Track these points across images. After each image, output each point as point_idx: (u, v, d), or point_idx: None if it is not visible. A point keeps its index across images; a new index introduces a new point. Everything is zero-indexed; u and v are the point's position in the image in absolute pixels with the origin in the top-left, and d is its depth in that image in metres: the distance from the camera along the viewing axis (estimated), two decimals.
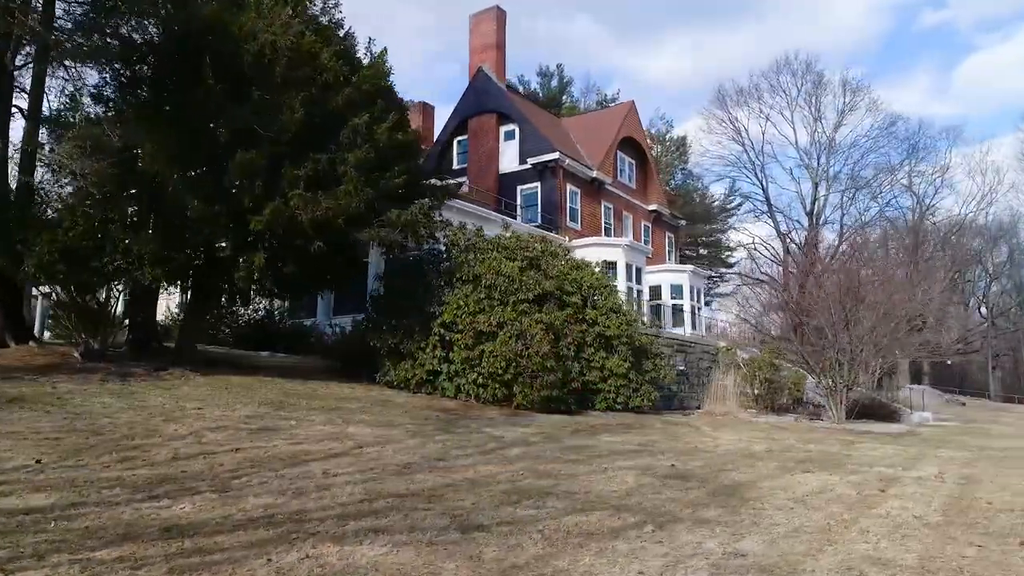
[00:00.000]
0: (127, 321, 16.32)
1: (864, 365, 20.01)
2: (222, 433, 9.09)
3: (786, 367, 23.44)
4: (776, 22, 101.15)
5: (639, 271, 29.49)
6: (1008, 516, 6.77)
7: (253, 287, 15.37)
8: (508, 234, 17.37)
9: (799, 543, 5.42)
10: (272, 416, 10.89)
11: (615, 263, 28.34)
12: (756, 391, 22.23)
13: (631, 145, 34.50)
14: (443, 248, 16.67)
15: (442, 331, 15.37)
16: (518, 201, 29.77)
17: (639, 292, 29.42)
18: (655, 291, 33.31)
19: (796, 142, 49.10)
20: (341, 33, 15.46)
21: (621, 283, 28.11)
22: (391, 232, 14.31)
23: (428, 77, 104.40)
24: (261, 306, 24.29)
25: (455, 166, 32.29)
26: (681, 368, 22.39)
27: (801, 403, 23.96)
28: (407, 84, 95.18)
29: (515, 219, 29.14)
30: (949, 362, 57.48)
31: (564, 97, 53.56)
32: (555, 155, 28.27)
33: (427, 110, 40.63)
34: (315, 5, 14.96)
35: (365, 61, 16.22)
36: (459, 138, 32.34)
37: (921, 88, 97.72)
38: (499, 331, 14.73)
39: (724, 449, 11.65)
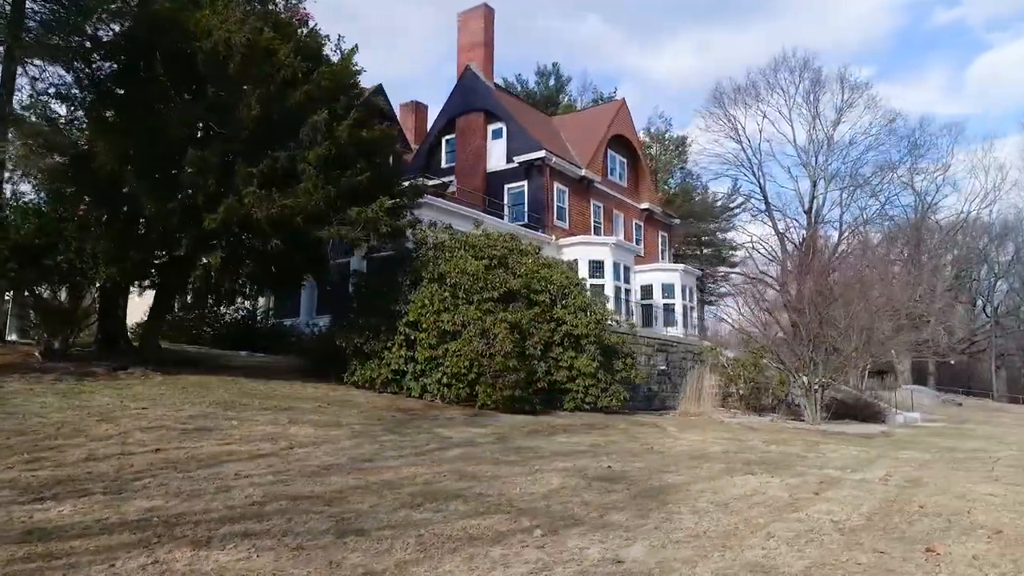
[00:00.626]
0: (96, 320, 16.31)
1: (851, 364, 19.70)
2: (153, 433, 8.96)
3: (773, 367, 23.17)
4: (786, 21, 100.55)
5: (627, 270, 29.24)
6: (931, 520, 6.53)
7: (211, 286, 15.23)
8: (479, 232, 17.20)
9: (689, 549, 5.22)
10: (216, 416, 10.77)
11: (602, 262, 28.13)
12: (741, 391, 21.96)
13: (622, 143, 34.22)
14: (412, 247, 16.55)
15: (407, 330, 15.25)
16: (505, 200, 29.58)
17: (627, 291, 29.18)
18: (647, 290, 33.07)
19: (794, 140, 48.75)
20: (305, 30, 15.32)
21: (608, 282, 27.93)
22: (352, 230, 14.17)
23: (438, 78, 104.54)
24: (244, 306, 24.29)
25: (443, 165, 32.16)
26: (662, 368, 22.16)
27: (787, 404, 23.67)
28: (417, 84, 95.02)
29: (503, 218, 29.00)
30: (952, 361, 56.87)
31: (561, 96, 53.30)
32: (541, 153, 28.05)
33: (420, 109, 40.59)
34: (277, 3, 14.85)
35: (335, 59, 16.12)
36: (447, 137, 32.19)
37: (934, 87, 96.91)
38: (463, 330, 14.58)
39: (679, 450, 11.42)
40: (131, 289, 16.36)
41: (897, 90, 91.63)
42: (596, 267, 28.15)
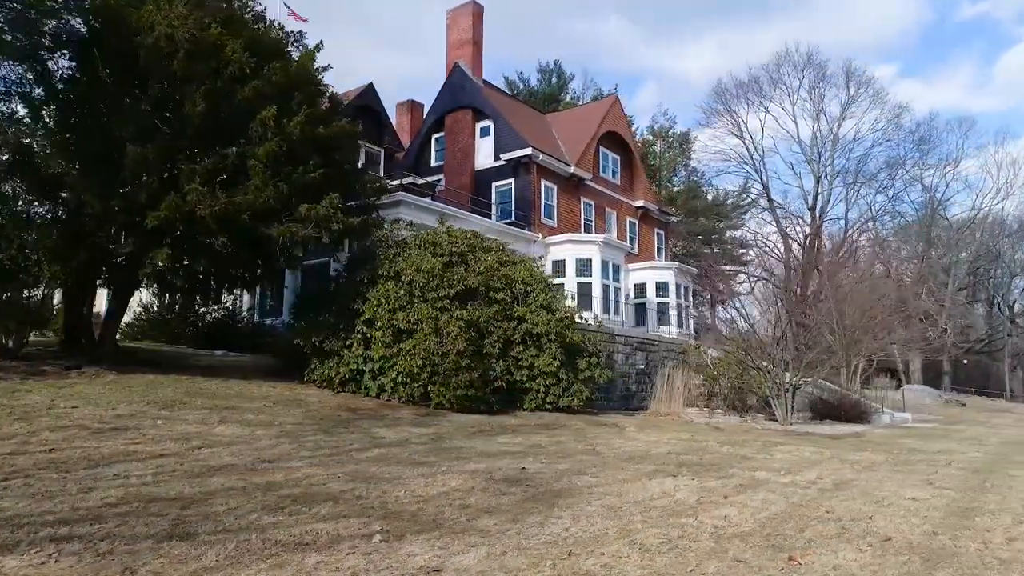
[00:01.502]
0: (62, 319, 16.32)
1: (824, 365, 19.17)
2: (62, 433, 8.83)
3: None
4: (809, 18, 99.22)
5: (617, 268, 28.86)
6: (824, 527, 6.18)
7: (165, 284, 15.11)
8: (443, 229, 16.96)
9: (528, 557, 4.93)
10: (145, 415, 10.64)
11: (590, 260, 27.78)
12: (725, 391, 21.51)
13: (615, 140, 33.80)
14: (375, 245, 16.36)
15: (365, 329, 15.08)
16: (493, 198, 29.33)
17: (617, 289, 28.81)
18: (640, 288, 32.65)
19: (798, 136, 47.89)
20: (262, 26, 15.19)
21: (596, 280, 27.58)
22: (304, 228, 14.00)
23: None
24: (226, 305, 24.30)
25: (433, 163, 31.98)
26: (642, 367, 21.79)
27: (770, 404, 23.16)
28: (427, 85, 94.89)
29: (490, 216, 28.76)
30: (965, 360, 55.71)
31: (563, 94, 52.93)
32: (527, 151, 27.74)
33: (416, 108, 40.43)
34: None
35: (295, 55, 15.99)
36: (437, 135, 32.01)
37: (960, 83, 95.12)
38: (417, 328, 14.36)
39: (621, 451, 11.09)
40: (97, 288, 16.40)
41: (923, 87, 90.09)
42: (584, 265, 27.81)
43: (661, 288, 31.92)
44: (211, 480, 6.96)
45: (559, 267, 28.07)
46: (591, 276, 27.64)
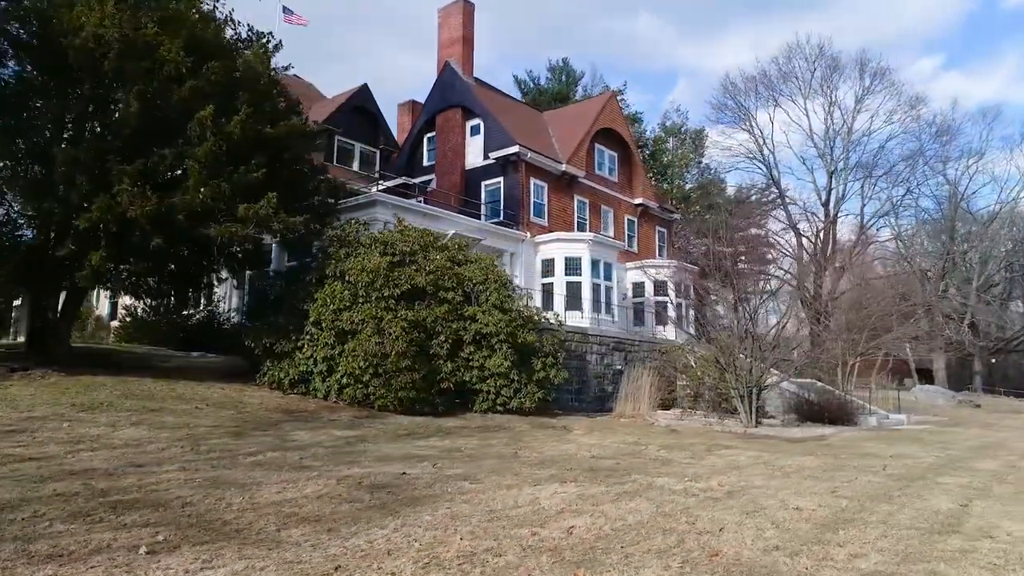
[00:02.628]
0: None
1: (786, 368, 18.39)
2: None
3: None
4: (846, 13, 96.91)
5: (609, 266, 28.29)
6: (663, 539, 5.72)
7: (128, 285, 15.14)
8: (399, 227, 16.71)
9: (287, 572, 4.61)
10: (58, 418, 10.61)
11: (579, 259, 27.30)
12: (707, 393, 20.89)
13: (613, 137, 33.21)
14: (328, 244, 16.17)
15: (313, 330, 14.91)
16: (482, 197, 29.02)
17: (608, 288, 28.25)
18: (639, 288, 32.04)
19: (810, 130, 46.49)
20: (206, 26, 15.08)
21: (586, 279, 27.09)
22: (244, 228, 13.87)
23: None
24: (208, 308, 24.40)
25: (425, 163, 31.82)
26: (619, 367, 21.27)
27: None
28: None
29: (479, 216, 28.48)
30: (993, 360, 53.72)
31: (572, 91, 52.34)
32: (515, 149, 27.37)
33: (416, 108, 40.17)
34: None
35: (248, 53, 15.89)
36: (429, 135, 31.83)
37: (1006, 74, 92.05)
38: (361, 329, 14.13)
39: (543, 456, 10.68)
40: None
41: (967, 80, 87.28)
42: (573, 264, 27.35)
43: (660, 287, 31.26)
44: (49, 485, 6.77)
45: (548, 266, 27.65)
46: (580, 275, 27.17)
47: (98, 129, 12.76)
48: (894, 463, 10.99)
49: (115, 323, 27.00)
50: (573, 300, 26.72)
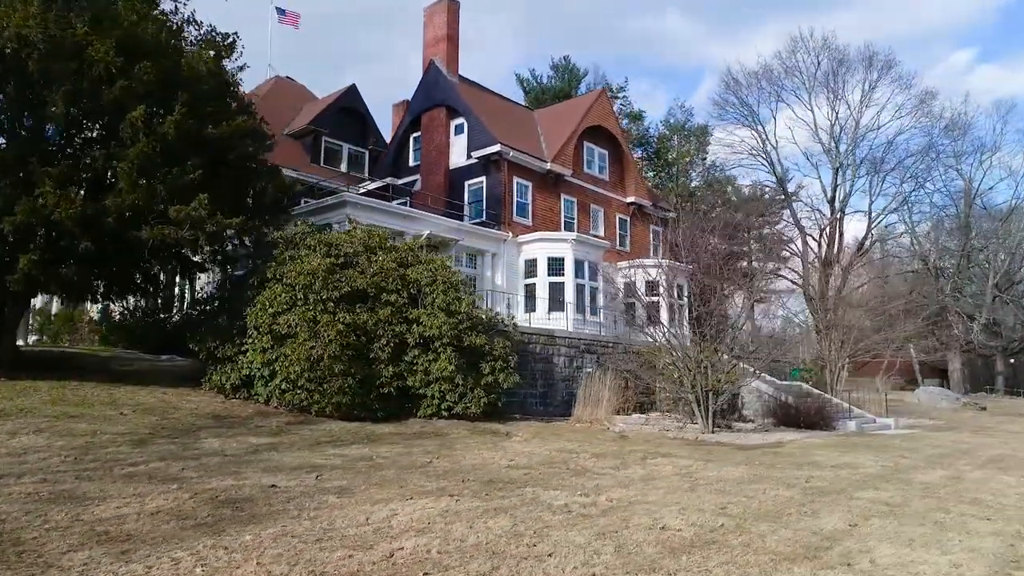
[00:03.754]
0: None
1: (743, 374, 17.64)
2: None
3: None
4: (875, 8, 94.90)
5: (594, 266, 27.75)
6: (481, 563, 5.29)
7: (32, 290, 14.85)
8: (349, 228, 16.39)
9: None
10: None
11: (562, 259, 26.82)
12: (688, 396, 20.24)
13: (603, 135, 32.62)
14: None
15: (254, 334, 14.64)
16: (465, 197, 28.65)
17: (595, 289, 27.72)
18: (630, 288, 31.39)
19: (815, 125, 45.29)
20: (145, 25, 14.87)
21: (569, 280, 26.61)
22: (179, 230, 13.64)
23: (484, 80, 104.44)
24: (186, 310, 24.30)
25: (411, 163, 31.53)
26: (589, 370, 20.73)
27: (736, 410, 21.76)
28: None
29: (461, 217, 28.12)
30: (1012, 360, 52.06)
31: (574, 90, 51.72)
32: (496, 148, 26.95)
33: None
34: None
35: (191, 53, 15.66)
36: (415, 134, 31.53)
37: None
38: (298, 333, 13.83)
39: (457, 466, 10.25)
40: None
41: (1004, 71, 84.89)
42: (556, 264, 26.87)
43: (651, 287, 30.59)
44: None
45: (531, 267, 27.20)
46: (563, 276, 26.69)
47: (22, 132, 12.59)
48: (826, 474, 10.38)
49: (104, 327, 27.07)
50: (557, 302, 26.28)
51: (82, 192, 13.13)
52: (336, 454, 10.63)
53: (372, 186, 31.58)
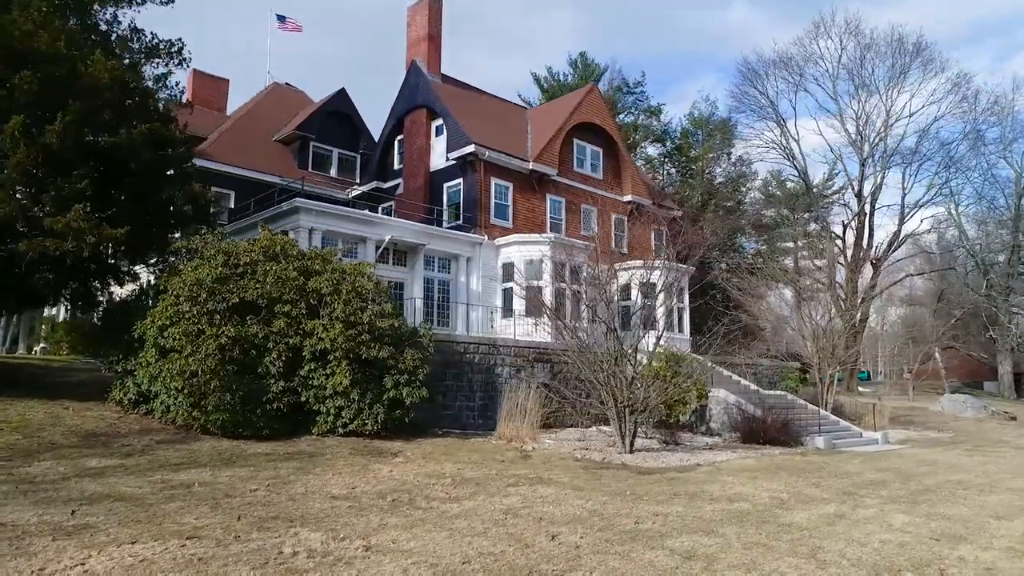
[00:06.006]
0: None
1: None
2: None
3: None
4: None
5: (576, 268, 26.49)
6: None
7: None
8: (260, 235, 15.75)
9: None
10: None
11: (541, 261, 25.73)
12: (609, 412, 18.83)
13: (596, 132, 31.31)
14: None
15: (146, 347, 14.17)
16: (444, 200, 27.85)
17: (576, 292, 26.44)
18: (625, 291, 29.96)
19: (841, 115, 42.58)
20: (39, 36, 14.58)
21: (548, 283, 25.46)
22: (62, 242, 13.27)
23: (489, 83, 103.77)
24: None
25: (396, 167, 30.94)
26: (544, 381, 19.58)
27: (705, 422, 20.23)
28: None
29: (440, 222, 27.36)
30: None
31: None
32: (471, 148, 26.06)
33: None
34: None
35: (88, 62, 15.31)
36: (399, 137, 30.93)
37: None
38: (184, 346, 13.25)
39: (297, 492, 9.44)
40: None
41: None
42: (534, 267, 25.78)
43: (649, 290, 29.10)
44: None
45: (508, 270, 26.20)
46: (541, 279, 25.58)
47: None
48: (681, 512, 9.04)
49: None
50: (535, 307, 25.15)
51: None
52: (160, 479, 9.91)
53: (358, 191, 31.19)
